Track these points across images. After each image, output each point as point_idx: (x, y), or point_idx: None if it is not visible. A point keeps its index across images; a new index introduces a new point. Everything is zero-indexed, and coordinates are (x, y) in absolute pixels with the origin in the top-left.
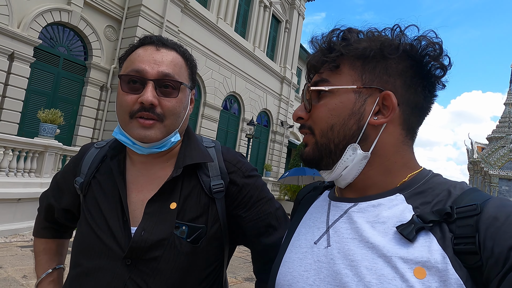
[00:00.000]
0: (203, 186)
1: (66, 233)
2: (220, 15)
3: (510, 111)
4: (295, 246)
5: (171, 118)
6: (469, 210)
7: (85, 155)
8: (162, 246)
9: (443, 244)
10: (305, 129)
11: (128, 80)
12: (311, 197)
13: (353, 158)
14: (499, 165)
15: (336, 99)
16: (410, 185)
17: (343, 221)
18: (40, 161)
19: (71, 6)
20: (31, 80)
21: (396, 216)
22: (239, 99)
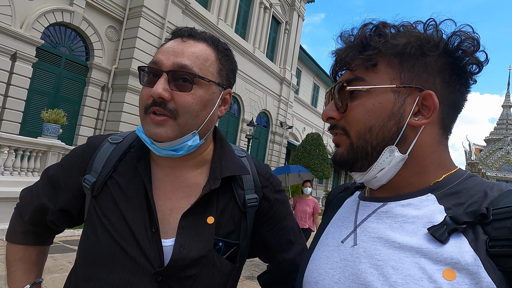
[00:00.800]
0: (237, 199)
1: (49, 239)
2: (220, 16)
3: (508, 113)
4: (323, 245)
5: (185, 116)
6: (506, 212)
7: (97, 150)
8: (200, 264)
9: (475, 246)
10: (338, 130)
11: (147, 72)
12: (341, 198)
13: (390, 160)
14: (497, 167)
15: (374, 99)
16: (443, 185)
17: (371, 220)
18: (43, 160)
19: (73, 6)
20: (33, 80)
21: (426, 216)
22: (239, 100)
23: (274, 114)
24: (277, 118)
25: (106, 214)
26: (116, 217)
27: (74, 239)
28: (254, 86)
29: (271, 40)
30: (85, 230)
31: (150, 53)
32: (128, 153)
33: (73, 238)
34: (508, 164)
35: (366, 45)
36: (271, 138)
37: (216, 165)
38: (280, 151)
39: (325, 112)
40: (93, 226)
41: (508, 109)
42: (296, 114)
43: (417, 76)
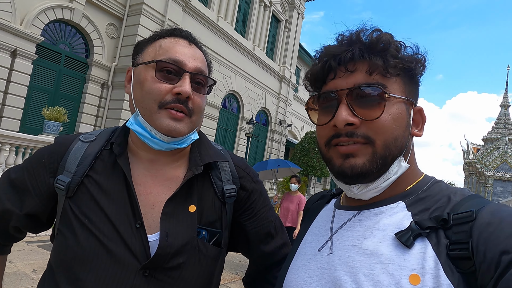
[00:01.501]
0: (215, 189)
1: (8, 247)
2: (220, 14)
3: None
4: (301, 254)
5: (198, 114)
6: (464, 217)
7: (68, 150)
8: (185, 251)
9: (437, 250)
10: (357, 138)
11: (162, 67)
12: (318, 206)
13: (397, 170)
14: (494, 166)
15: (395, 108)
16: (412, 192)
17: (346, 229)
18: None
19: (73, 3)
20: (33, 77)
21: (395, 223)
22: (239, 98)
23: (274, 112)
24: (276, 116)
25: (85, 213)
26: (97, 216)
27: None
28: (254, 84)
29: (270, 38)
30: (62, 233)
31: None
32: (104, 150)
33: None
34: (505, 163)
35: (386, 51)
36: (270, 136)
37: (195, 154)
38: (279, 149)
39: (343, 117)
40: (70, 227)
41: (506, 108)
42: (295, 113)
43: (412, 92)
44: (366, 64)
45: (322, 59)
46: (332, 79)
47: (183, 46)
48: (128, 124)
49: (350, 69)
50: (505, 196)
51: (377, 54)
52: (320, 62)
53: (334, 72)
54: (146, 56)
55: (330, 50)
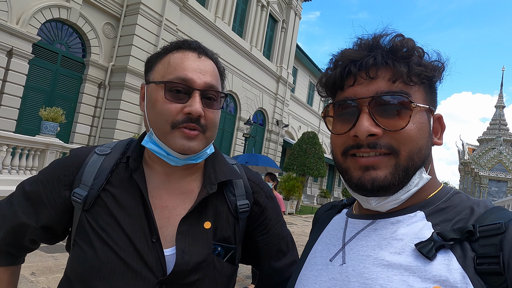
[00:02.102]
0: (229, 205)
1: (22, 258)
2: (218, 14)
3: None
4: (311, 264)
5: (212, 129)
6: (493, 229)
7: (84, 163)
8: (201, 269)
9: (463, 263)
10: (381, 149)
11: (171, 88)
12: (328, 215)
13: (418, 182)
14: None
15: (419, 117)
16: (431, 203)
17: (359, 238)
18: (41, 159)
19: (70, 3)
20: (29, 76)
21: (414, 233)
22: (236, 98)
23: (270, 113)
24: (273, 117)
25: (102, 227)
26: (114, 229)
27: None
28: (251, 84)
29: (268, 38)
30: (79, 245)
31: (147, 50)
32: (120, 163)
33: None
34: (500, 164)
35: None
36: (267, 137)
37: (210, 171)
38: (276, 150)
39: (366, 127)
40: (88, 240)
41: (501, 109)
42: (292, 113)
43: (432, 100)
44: (389, 71)
45: (339, 64)
46: (351, 85)
47: (192, 60)
48: (144, 143)
49: (371, 76)
50: (499, 196)
51: (400, 60)
52: (337, 67)
53: (354, 78)
54: (156, 74)
55: (350, 54)
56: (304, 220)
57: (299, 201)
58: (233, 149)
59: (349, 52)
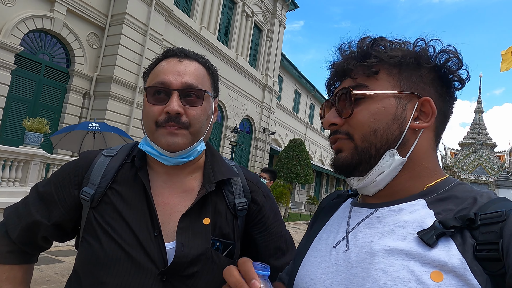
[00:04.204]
0: (227, 203)
1: (35, 257)
2: (203, 23)
3: (480, 118)
4: (315, 250)
5: (196, 126)
6: (494, 217)
7: (92, 164)
8: (200, 261)
9: (462, 250)
10: (341, 135)
11: (153, 92)
12: (335, 204)
13: (390, 163)
14: (471, 170)
15: (378, 104)
16: (433, 191)
17: (363, 225)
18: (25, 170)
19: (53, 13)
20: (12, 87)
21: (416, 221)
22: (222, 107)
23: (257, 121)
24: (260, 124)
25: (108, 222)
26: (119, 224)
27: (58, 249)
28: (237, 93)
29: (253, 47)
30: (86, 240)
31: (133, 60)
32: (125, 164)
33: (57, 249)
34: (481, 167)
35: (367, 54)
36: (254, 144)
37: (209, 170)
38: (263, 157)
39: (327, 119)
40: (95, 234)
41: (480, 114)
42: (279, 120)
43: (415, 85)
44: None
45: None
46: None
47: (172, 65)
48: (140, 145)
49: (343, 79)
50: None
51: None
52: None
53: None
54: (147, 83)
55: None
56: (293, 227)
57: (287, 208)
58: None
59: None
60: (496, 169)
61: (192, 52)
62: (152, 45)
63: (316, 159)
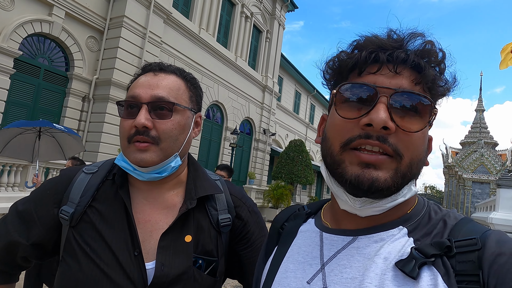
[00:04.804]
0: (211, 219)
1: (16, 276)
2: (202, 25)
3: (481, 117)
4: (283, 285)
5: (167, 141)
6: (469, 245)
7: (72, 182)
8: (181, 280)
9: (448, 282)
10: (387, 145)
11: (126, 106)
12: (294, 227)
13: (406, 193)
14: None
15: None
16: (412, 217)
17: (341, 258)
18: (23, 175)
19: (52, 17)
20: (11, 91)
21: (397, 250)
22: (222, 108)
23: (257, 122)
24: (260, 126)
25: (87, 242)
26: (98, 244)
27: None
28: (237, 94)
29: (252, 48)
30: (65, 260)
31: (132, 63)
32: (106, 181)
33: None
34: (482, 166)
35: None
36: (254, 146)
37: (191, 186)
38: (264, 158)
39: (383, 117)
40: (74, 255)
41: (481, 113)
42: (279, 121)
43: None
44: (415, 72)
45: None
46: (373, 73)
47: (147, 79)
48: (116, 160)
49: (398, 70)
50: (483, 198)
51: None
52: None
53: (379, 66)
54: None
55: (380, 41)
56: None
57: None
58: (221, 159)
59: (379, 39)
60: (498, 168)
61: (171, 66)
62: (151, 48)
63: (317, 160)
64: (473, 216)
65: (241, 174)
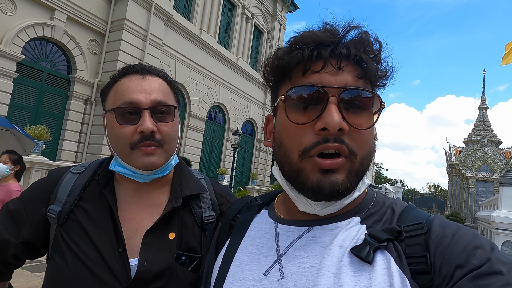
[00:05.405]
0: (195, 217)
1: (8, 274)
2: (203, 27)
3: (484, 115)
4: (237, 279)
5: (169, 142)
6: (416, 229)
7: (59, 181)
8: (164, 276)
9: (401, 264)
10: (344, 146)
11: (122, 112)
12: (246, 218)
13: (361, 187)
14: (476, 167)
15: (372, 120)
16: (363, 207)
17: (297, 248)
18: (26, 177)
19: (54, 21)
20: (14, 95)
21: (352, 237)
22: (224, 109)
23: (259, 122)
24: (262, 126)
25: (73, 240)
26: (84, 242)
27: None
28: (239, 95)
29: (254, 49)
30: (53, 258)
31: None
32: (92, 181)
33: None
34: (486, 164)
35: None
36: (257, 146)
37: (176, 185)
38: (266, 159)
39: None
40: (61, 252)
41: (484, 111)
42: None
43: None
44: (358, 66)
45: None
46: (317, 71)
47: (136, 82)
48: (111, 167)
49: (341, 66)
50: (487, 196)
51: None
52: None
53: (323, 64)
54: (109, 103)
55: (320, 36)
56: None
57: None
58: (223, 160)
59: (317, 34)
60: (502, 166)
61: (152, 67)
62: (153, 50)
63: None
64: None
65: (243, 175)
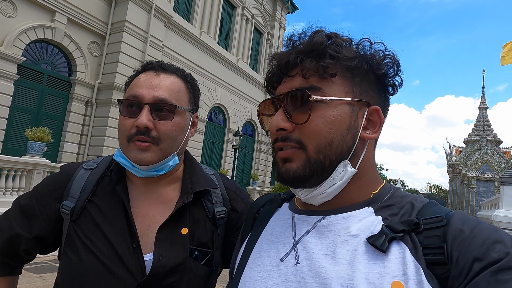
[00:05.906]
0: (207, 212)
1: (19, 269)
2: (203, 28)
3: (484, 115)
4: (256, 264)
5: (167, 141)
6: (435, 221)
7: (72, 177)
8: (178, 271)
9: (416, 255)
10: (291, 143)
11: (126, 104)
12: (268, 211)
13: (343, 175)
14: (476, 167)
15: (333, 111)
16: (377, 199)
17: (312, 236)
18: (28, 179)
19: (54, 23)
20: (15, 97)
21: (367, 227)
22: (224, 110)
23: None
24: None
25: (87, 235)
26: (98, 237)
27: None
28: (239, 96)
29: (253, 50)
30: (66, 253)
31: (133, 67)
32: (105, 177)
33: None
34: (486, 164)
35: (323, 52)
36: (257, 147)
37: (187, 181)
38: (267, 160)
39: (276, 123)
40: (74, 248)
41: (484, 111)
42: None
43: (365, 92)
44: (300, 68)
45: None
46: (278, 85)
47: (147, 78)
48: (114, 156)
49: (291, 74)
50: (488, 196)
51: (312, 56)
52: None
53: (279, 79)
54: (124, 96)
55: (278, 57)
56: None
57: None
58: (224, 161)
59: (277, 54)
60: (502, 165)
61: (172, 66)
62: (153, 52)
63: None
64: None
65: (244, 176)
